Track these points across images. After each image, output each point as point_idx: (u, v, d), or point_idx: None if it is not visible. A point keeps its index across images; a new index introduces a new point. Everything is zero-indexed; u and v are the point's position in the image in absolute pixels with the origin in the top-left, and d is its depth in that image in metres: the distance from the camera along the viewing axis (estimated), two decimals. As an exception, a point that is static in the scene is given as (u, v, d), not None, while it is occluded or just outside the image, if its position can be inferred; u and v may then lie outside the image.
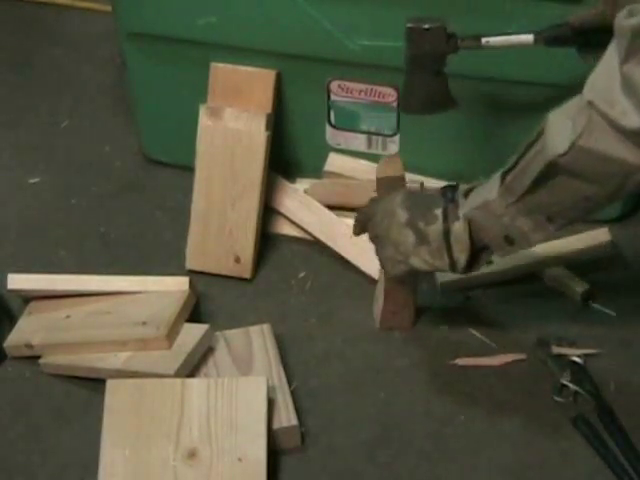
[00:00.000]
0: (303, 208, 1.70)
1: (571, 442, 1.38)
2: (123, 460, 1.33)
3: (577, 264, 1.60)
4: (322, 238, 1.66)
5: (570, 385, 1.44)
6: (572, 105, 1.14)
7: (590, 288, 1.57)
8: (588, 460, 1.36)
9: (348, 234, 1.65)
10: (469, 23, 1.51)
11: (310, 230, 1.68)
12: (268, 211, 1.70)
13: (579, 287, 1.58)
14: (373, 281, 1.60)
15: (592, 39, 1.39)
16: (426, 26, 1.41)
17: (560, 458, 1.37)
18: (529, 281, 1.61)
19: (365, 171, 1.70)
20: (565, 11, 1.45)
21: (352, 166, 1.73)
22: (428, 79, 1.44)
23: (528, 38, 1.41)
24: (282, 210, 1.71)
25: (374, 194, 1.45)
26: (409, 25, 1.42)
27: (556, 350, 1.49)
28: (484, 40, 1.42)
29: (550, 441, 1.39)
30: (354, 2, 1.56)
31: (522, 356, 1.49)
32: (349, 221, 1.66)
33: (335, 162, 1.73)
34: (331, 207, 1.69)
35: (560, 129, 1.13)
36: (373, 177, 1.46)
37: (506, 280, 1.60)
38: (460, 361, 1.49)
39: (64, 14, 2.30)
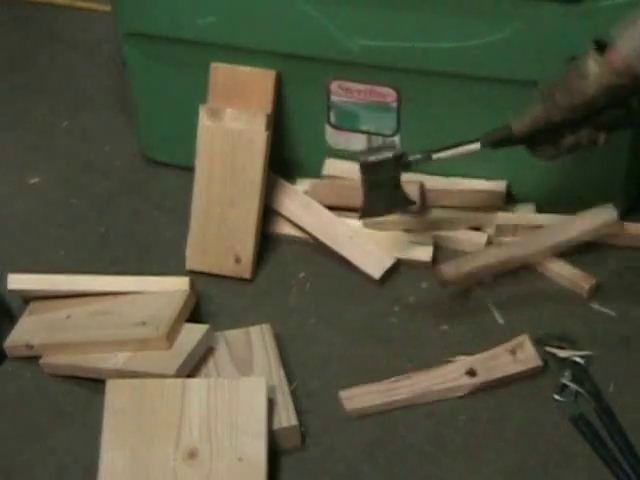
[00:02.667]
0: (303, 209, 1.70)
1: (571, 442, 1.38)
2: (123, 460, 1.33)
3: (573, 250, 1.62)
4: (322, 238, 1.66)
5: (571, 385, 1.44)
6: None
7: (596, 283, 1.58)
8: (588, 460, 1.35)
9: (348, 234, 1.65)
10: (469, 23, 1.52)
11: (310, 231, 1.68)
12: (268, 211, 1.70)
13: (585, 283, 1.58)
14: (373, 281, 1.60)
15: (538, 139, 1.44)
16: (375, 159, 1.49)
17: (560, 458, 1.37)
18: (530, 281, 1.61)
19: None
20: (565, 11, 1.45)
21: (350, 168, 1.72)
22: (387, 194, 1.53)
23: (476, 146, 1.47)
24: (282, 211, 1.71)
25: None
26: (360, 160, 1.50)
27: (556, 350, 1.49)
28: (435, 156, 1.49)
29: (550, 441, 1.39)
30: (354, 2, 1.56)
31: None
32: (349, 221, 1.67)
33: (333, 166, 1.74)
34: (331, 207, 1.69)
35: None
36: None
37: (507, 271, 1.61)
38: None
39: (64, 14, 2.30)
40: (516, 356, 1.48)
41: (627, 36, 1.34)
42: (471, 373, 1.45)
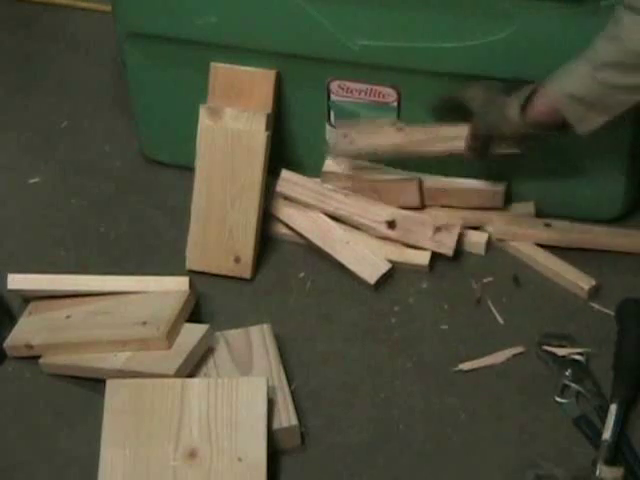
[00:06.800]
0: (300, 214, 1.70)
1: (571, 442, 1.38)
2: (123, 460, 1.33)
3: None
4: (319, 244, 1.66)
5: (572, 385, 1.44)
6: None
7: (596, 284, 1.58)
8: (588, 460, 1.35)
9: (345, 239, 1.65)
10: (469, 23, 1.52)
11: (307, 236, 1.67)
12: (268, 212, 1.70)
13: (585, 283, 1.58)
14: (369, 285, 1.60)
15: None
16: None
17: (560, 458, 1.37)
18: (530, 281, 1.61)
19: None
20: (565, 11, 1.45)
21: (349, 165, 1.73)
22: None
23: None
24: (280, 216, 1.71)
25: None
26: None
27: (557, 349, 1.49)
28: None
29: (550, 441, 1.39)
30: (354, 3, 1.56)
31: (521, 349, 1.49)
32: (344, 228, 1.68)
33: (333, 166, 1.74)
34: (329, 215, 1.69)
35: None
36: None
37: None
38: (463, 366, 1.48)
39: (64, 14, 2.30)
40: (436, 235, 1.58)
41: (556, 80, 1.38)
42: (391, 225, 1.52)
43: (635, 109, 1.37)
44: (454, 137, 1.57)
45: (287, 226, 1.70)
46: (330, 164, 1.73)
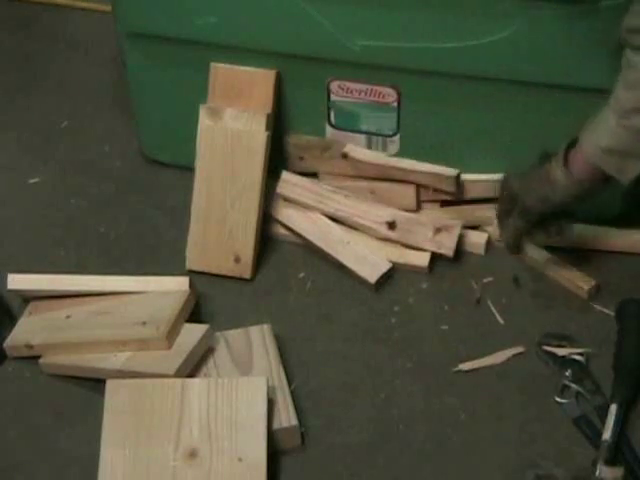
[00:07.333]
0: (300, 216, 1.70)
1: (571, 442, 1.38)
2: (123, 460, 1.33)
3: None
4: (320, 245, 1.66)
5: (572, 385, 1.44)
6: None
7: (596, 285, 1.58)
8: (589, 460, 1.35)
9: (345, 240, 1.65)
10: (469, 23, 1.52)
11: (308, 237, 1.67)
12: (267, 212, 1.70)
13: (585, 284, 1.58)
14: (369, 285, 1.60)
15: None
16: None
17: (560, 458, 1.36)
18: (530, 281, 1.61)
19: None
20: (565, 11, 1.45)
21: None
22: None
23: None
24: (280, 218, 1.71)
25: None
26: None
27: (557, 349, 1.49)
28: None
29: (550, 441, 1.39)
30: (354, 2, 1.56)
31: (521, 349, 1.49)
32: (344, 229, 1.68)
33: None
34: (329, 216, 1.69)
35: None
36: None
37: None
38: (463, 366, 1.48)
39: (64, 14, 2.30)
40: (436, 236, 1.59)
41: (588, 135, 1.38)
42: (391, 226, 1.53)
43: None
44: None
45: (287, 227, 1.70)
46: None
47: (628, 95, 1.31)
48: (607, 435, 1.36)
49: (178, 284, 1.54)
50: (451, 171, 1.65)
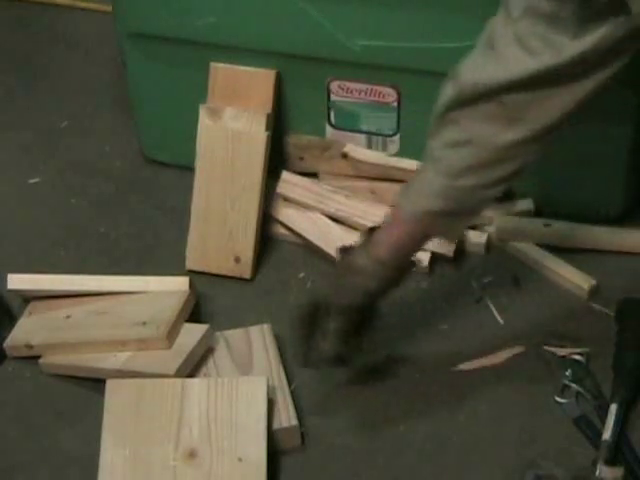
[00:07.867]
0: (300, 216, 1.70)
1: (571, 442, 1.38)
2: (123, 460, 1.33)
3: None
4: (320, 245, 1.66)
5: (572, 385, 1.44)
6: None
7: (596, 285, 1.58)
8: (589, 460, 1.35)
9: (344, 239, 1.65)
10: (469, 23, 1.51)
11: (308, 237, 1.67)
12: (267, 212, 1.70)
13: (585, 283, 1.58)
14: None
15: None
16: None
17: (560, 458, 1.36)
18: (530, 281, 1.61)
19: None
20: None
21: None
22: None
23: None
24: (279, 217, 1.71)
25: None
26: None
27: (557, 349, 1.49)
28: None
29: (550, 441, 1.39)
30: (354, 2, 1.56)
31: (521, 349, 1.49)
32: (345, 229, 1.67)
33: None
34: (329, 216, 1.69)
35: None
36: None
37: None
38: (463, 366, 1.48)
39: (64, 14, 2.30)
40: None
41: (409, 204, 1.27)
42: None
43: (636, 109, 1.37)
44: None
45: (287, 227, 1.70)
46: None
47: (453, 155, 1.22)
48: (607, 435, 1.36)
49: (178, 284, 1.54)
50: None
